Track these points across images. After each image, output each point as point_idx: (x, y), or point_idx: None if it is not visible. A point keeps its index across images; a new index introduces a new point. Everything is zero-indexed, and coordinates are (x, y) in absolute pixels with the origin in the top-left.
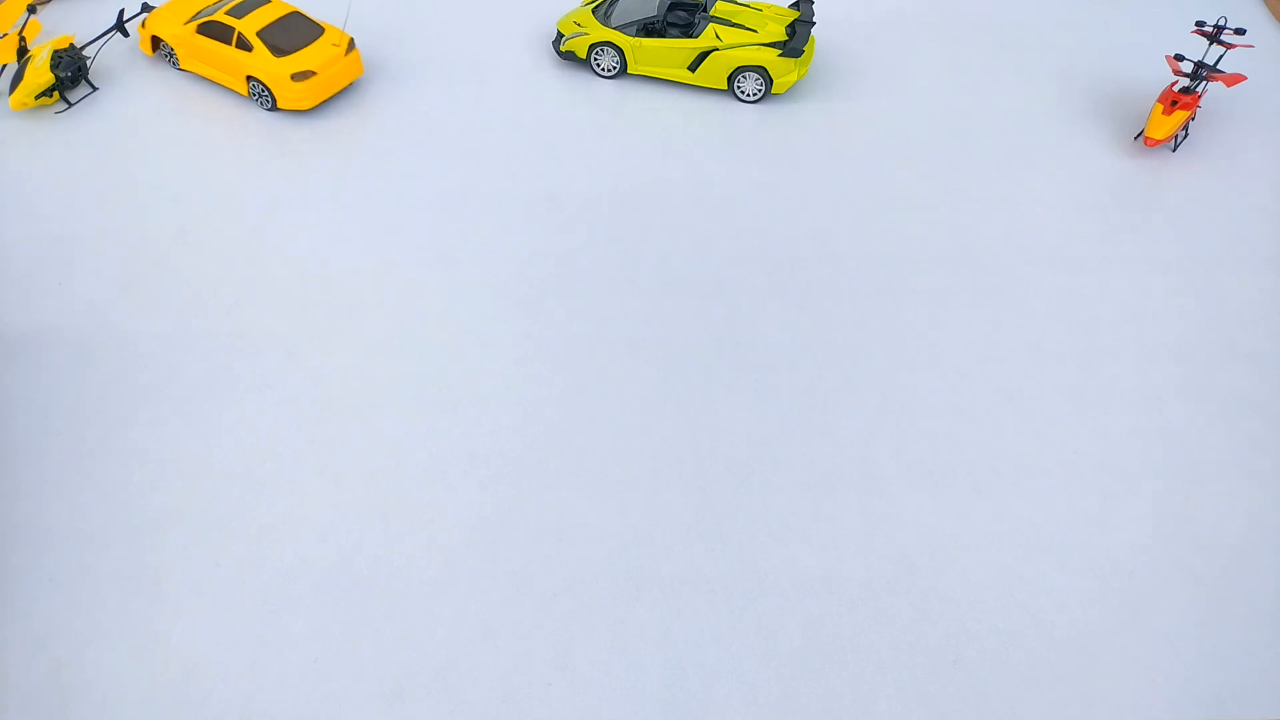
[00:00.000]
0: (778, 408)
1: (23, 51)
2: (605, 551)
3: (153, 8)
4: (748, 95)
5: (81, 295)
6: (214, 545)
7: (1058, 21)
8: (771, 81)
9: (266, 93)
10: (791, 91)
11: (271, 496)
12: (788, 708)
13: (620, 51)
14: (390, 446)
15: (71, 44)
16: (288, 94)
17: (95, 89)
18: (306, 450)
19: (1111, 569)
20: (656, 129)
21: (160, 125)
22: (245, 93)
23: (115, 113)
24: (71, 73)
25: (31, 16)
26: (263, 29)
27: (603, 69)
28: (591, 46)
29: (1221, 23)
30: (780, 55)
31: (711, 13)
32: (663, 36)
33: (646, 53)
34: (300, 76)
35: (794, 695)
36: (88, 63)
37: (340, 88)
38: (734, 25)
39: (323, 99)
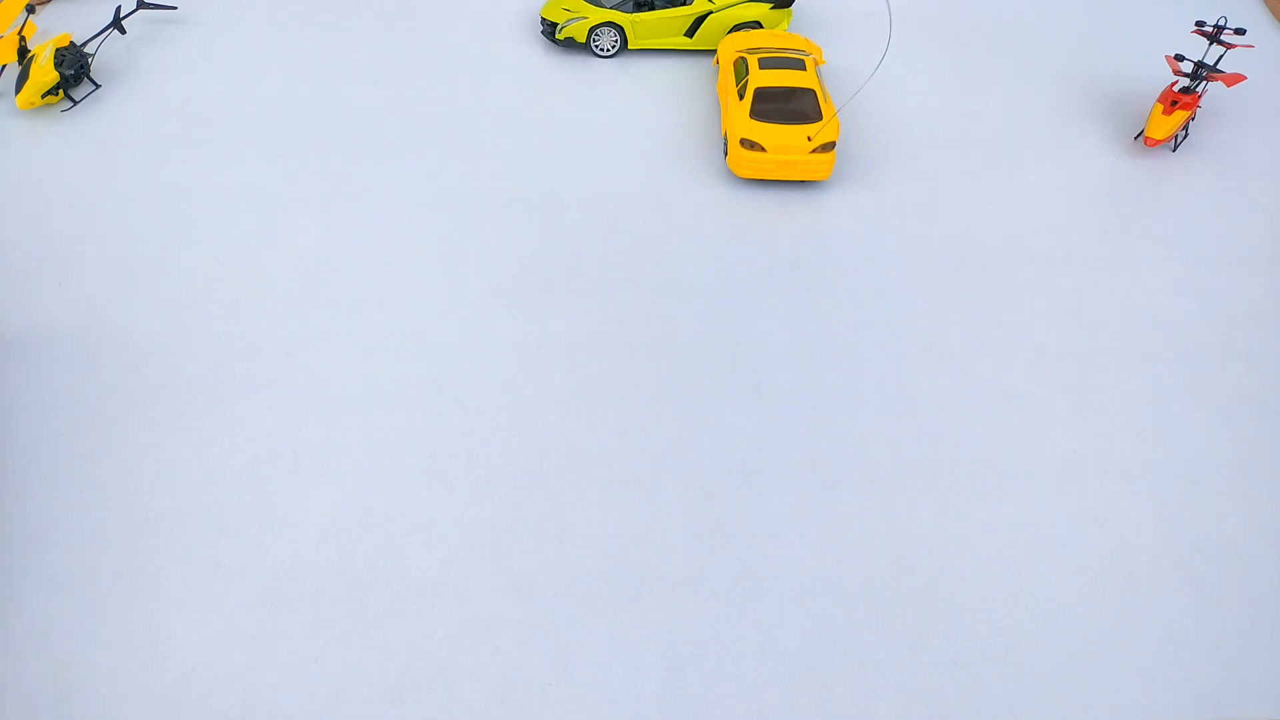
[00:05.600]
0: (778, 407)
1: (23, 51)
2: (605, 551)
3: (150, 6)
4: None
5: (81, 295)
6: (214, 545)
7: (1058, 21)
8: None
9: None
10: None
11: (271, 496)
12: (788, 708)
13: (618, 29)
14: (390, 446)
15: (71, 42)
16: None
17: (98, 86)
18: (306, 450)
19: (1111, 569)
20: (657, 128)
21: (161, 124)
22: None
23: (116, 112)
24: (75, 70)
25: (29, 17)
26: None
27: (603, 49)
28: (591, 29)
29: (1221, 23)
30: (772, 8)
31: None
32: (653, 9)
33: (645, 26)
34: None
35: (794, 695)
36: (89, 60)
37: None
38: None
39: None
